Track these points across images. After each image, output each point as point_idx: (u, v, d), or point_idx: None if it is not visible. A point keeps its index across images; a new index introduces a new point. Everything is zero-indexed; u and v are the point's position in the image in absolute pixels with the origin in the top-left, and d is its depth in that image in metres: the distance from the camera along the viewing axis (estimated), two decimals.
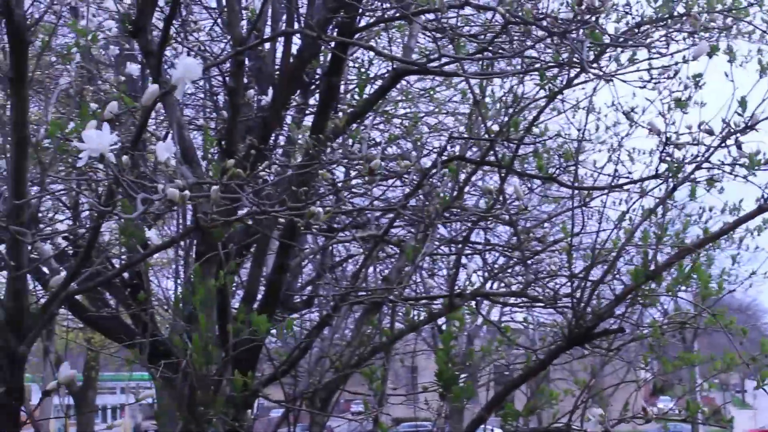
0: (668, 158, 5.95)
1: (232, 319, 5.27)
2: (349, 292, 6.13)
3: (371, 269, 6.96)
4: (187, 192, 3.68)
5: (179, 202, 3.71)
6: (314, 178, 5.74)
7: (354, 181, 7.32)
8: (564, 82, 5.98)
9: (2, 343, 5.12)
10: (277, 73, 7.20)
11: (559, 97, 6.55)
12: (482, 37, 6.33)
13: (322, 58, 7.68)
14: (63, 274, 5.18)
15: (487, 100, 6.55)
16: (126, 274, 8.21)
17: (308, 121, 9.53)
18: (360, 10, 6.33)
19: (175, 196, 3.67)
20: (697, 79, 6.03)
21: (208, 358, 5.08)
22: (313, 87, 9.83)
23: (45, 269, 7.63)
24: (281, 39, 7.49)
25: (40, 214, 7.85)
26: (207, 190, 4.38)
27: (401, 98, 10.06)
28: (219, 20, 9.94)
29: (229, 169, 3.80)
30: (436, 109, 10.96)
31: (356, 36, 6.31)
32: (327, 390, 6.17)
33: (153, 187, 4.19)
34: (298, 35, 6.41)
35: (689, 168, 5.89)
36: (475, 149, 6.79)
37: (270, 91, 8.27)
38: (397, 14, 6.07)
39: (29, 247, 5.44)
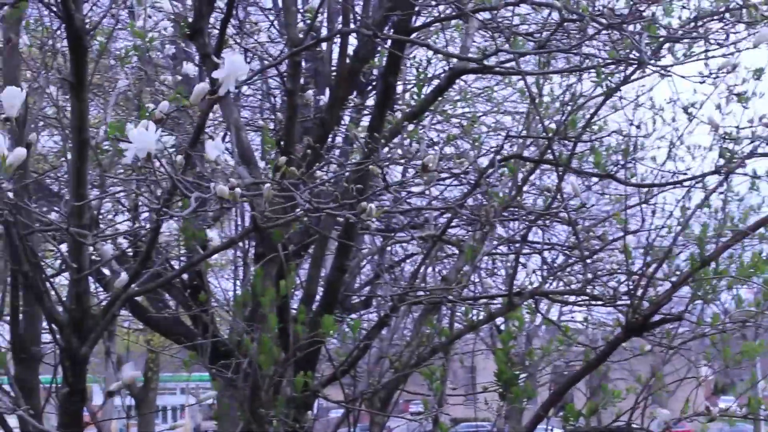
0: (727, 152, 5.90)
1: (293, 320, 5.27)
2: (408, 293, 6.12)
3: (430, 269, 6.95)
4: (237, 189, 3.68)
5: (230, 198, 3.72)
6: (370, 178, 5.74)
7: (411, 181, 7.31)
8: (622, 79, 5.93)
9: (65, 344, 5.17)
10: (334, 73, 7.21)
11: (617, 93, 6.49)
12: (539, 35, 6.30)
13: (378, 58, 7.68)
14: (124, 275, 5.21)
15: (545, 98, 6.52)
16: (185, 275, 8.25)
17: (366, 121, 9.56)
18: (416, 9, 6.32)
19: (224, 193, 3.67)
20: (758, 73, 5.97)
21: (271, 358, 5.09)
22: (369, 87, 9.85)
23: (105, 271, 7.70)
24: (338, 39, 7.48)
25: (100, 216, 7.92)
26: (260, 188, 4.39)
27: (459, 98, 10.04)
28: (276, 22, 9.98)
29: (282, 167, 3.79)
30: (495, 109, 10.93)
31: (413, 35, 6.30)
32: (386, 390, 6.17)
33: (209, 187, 4.21)
34: (355, 35, 6.39)
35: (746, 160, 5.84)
36: (532, 148, 6.76)
37: (327, 92, 8.29)
38: (454, 13, 6.05)
39: (90, 249, 5.48)
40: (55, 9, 5.53)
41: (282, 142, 6.76)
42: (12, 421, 5.17)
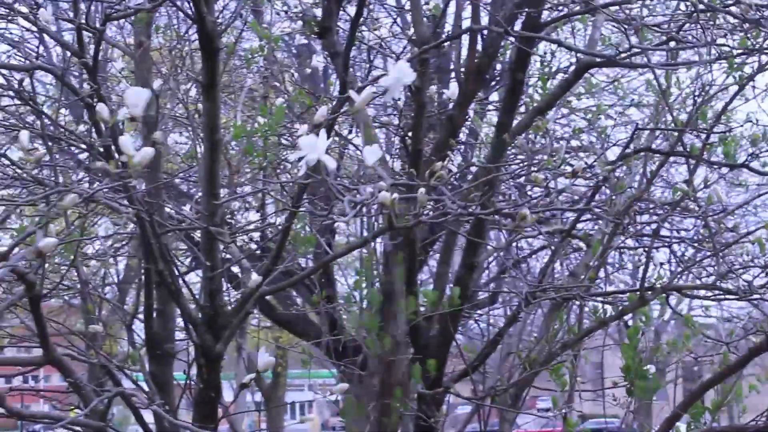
0: None
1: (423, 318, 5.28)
2: (538, 288, 6.08)
3: (558, 264, 6.90)
4: (396, 195, 3.69)
5: (390, 205, 3.72)
6: (499, 176, 5.72)
7: (539, 176, 7.25)
8: (755, 68, 5.82)
9: (199, 341, 5.25)
10: (462, 69, 7.20)
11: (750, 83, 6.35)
12: (667, 26, 6.20)
13: (501, 53, 7.64)
14: (255, 274, 5.27)
15: (673, 89, 6.42)
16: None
17: (490, 116, 9.52)
18: (546, 5, 6.27)
19: (386, 200, 3.68)
20: None
21: (399, 355, 5.11)
22: (493, 83, 9.80)
23: (234, 269, 7.80)
24: (463, 35, 7.47)
25: (229, 216, 8.03)
26: (400, 190, 4.40)
27: (584, 90, 9.93)
28: (398, 18, 10.00)
29: (436, 172, 3.78)
30: (620, 101, 10.79)
31: (543, 31, 6.26)
32: (516, 387, 6.14)
33: (355, 189, 4.22)
34: (483, 31, 6.38)
35: None
36: (659, 140, 6.66)
37: (451, 88, 8.27)
38: (583, 8, 6.00)
39: (221, 248, 5.56)
40: (186, 11, 5.62)
41: (407, 139, 6.77)
42: (148, 416, 5.28)
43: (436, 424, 5.71)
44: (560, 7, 6.64)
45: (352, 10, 8.41)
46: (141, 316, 6.46)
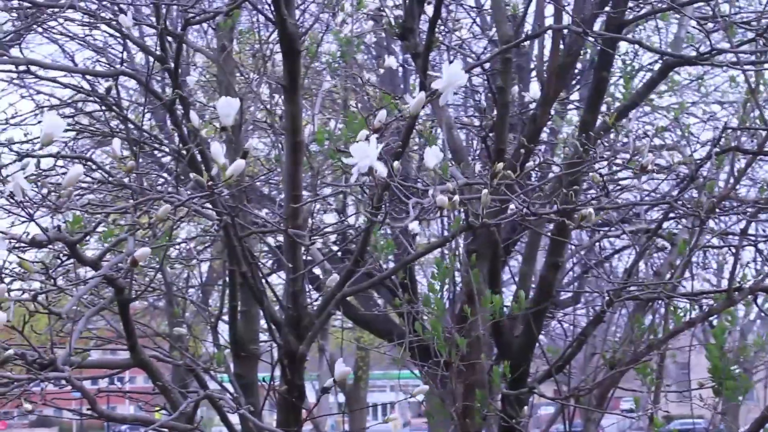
0: None
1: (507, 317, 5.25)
2: (623, 288, 6.02)
3: (642, 264, 6.83)
4: (456, 198, 3.68)
5: (449, 208, 3.72)
6: (583, 176, 5.67)
7: (622, 176, 7.19)
8: None
9: (283, 342, 5.28)
10: (544, 68, 7.17)
11: None
12: (755, 24, 6.11)
13: (583, 52, 7.58)
14: (336, 275, 5.30)
15: (762, 88, 6.32)
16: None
17: (570, 115, 9.45)
18: (629, 4, 6.21)
19: (444, 203, 3.67)
20: None
21: (481, 355, 5.09)
22: (574, 82, 9.73)
23: (316, 271, 7.84)
24: (548, 34, 7.42)
25: (310, 218, 8.07)
26: (477, 190, 4.38)
27: (666, 88, 9.82)
28: (478, 18, 9.97)
29: (499, 172, 3.78)
30: (704, 98, 10.66)
31: (625, 29, 6.19)
32: (601, 387, 6.09)
33: (424, 191, 4.22)
34: (566, 31, 6.33)
35: None
36: (744, 138, 6.56)
37: (532, 88, 8.22)
38: (666, 6, 5.94)
39: (303, 250, 5.59)
40: (268, 15, 5.65)
41: (489, 139, 6.76)
42: (232, 416, 5.33)
43: (520, 425, 5.68)
44: (643, 6, 6.58)
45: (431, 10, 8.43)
46: (225, 318, 6.52)
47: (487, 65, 7.31)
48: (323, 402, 13.14)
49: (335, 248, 8.22)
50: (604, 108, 6.58)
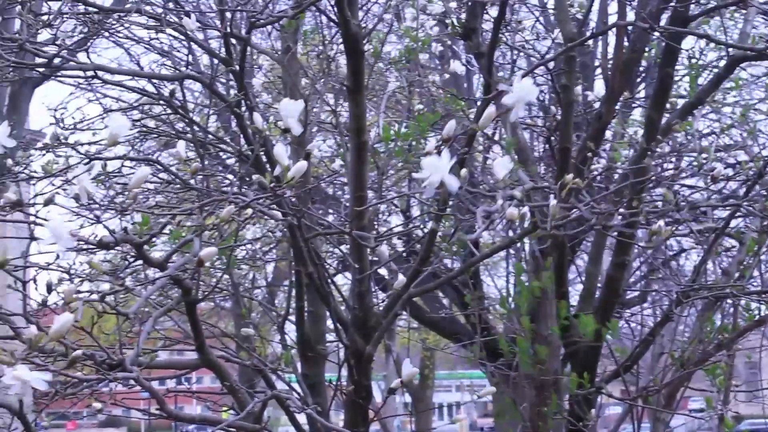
0: None
1: (564, 318, 5.22)
2: (691, 287, 5.96)
3: (710, 263, 6.75)
4: (526, 210, 3.66)
5: (517, 219, 3.70)
6: (647, 174, 5.62)
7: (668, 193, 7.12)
8: None
9: (350, 342, 5.29)
10: (609, 66, 7.11)
11: None
12: None
13: (647, 49, 7.51)
14: (402, 276, 5.29)
15: None
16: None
17: (636, 114, 9.37)
18: None
19: (514, 216, 3.65)
20: None
21: (523, 356, 5.06)
22: (638, 79, 9.65)
23: (381, 271, 7.84)
24: (607, 32, 7.37)
25: (376, 218, 8.07)
26: (543, 193, 4.36)
27: (731, 85, 9.69)
28: (541, 18, 9.93)
29: (568, 184, 3.74)
30: None
31: (690, 25, 6.13)
32: (670, 387, 6.04)
33: (490, 196, 4.20)
34: (630, 27, 6.28)
35: None
36: None
37: (596, 86, 8.17)
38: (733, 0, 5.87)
39: (368, 250, 5.59)
40: (331, 16, 5.67)
41: (553, 139, 6.72)
42: (300, 415, 5.34)
43: (588, 426, 5.65)
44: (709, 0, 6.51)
45: (495, 10, 8.40)
46: (292, 318, 6.54)
47: (551, 64, 7.27)
48: (390, 402, 13.15)
49: (401, 249, 8.22)
50: (669, 106, 6.52)
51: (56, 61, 5.39)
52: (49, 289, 3.24)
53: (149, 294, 3.37)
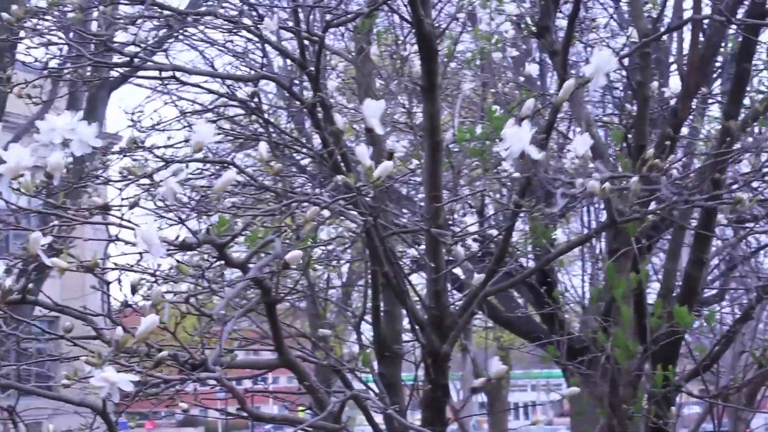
0: None
1: (650, 314, 5.17)
2: None
3: None
4: (608, 184, 3.64)
5: (599, 194, 3.67)
6: (727, 168, 5.56)
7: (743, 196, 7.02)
8: None
9: (426, 342, 5.29)
10: (684, 61, 7.05)
11: None
12: None
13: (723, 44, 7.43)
14: (478, 275, 5.28)
15: None
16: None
17: (712, 110, 9.27)
18: None
19: (595, 189, 3.62)
20: None
21: (629, 353, 5.01)
22: (715, 75, 9.55)
23: (456, 271, 7.83)
24: (683, 27, 7.31)
25: (451, 218, 8.07)
26: (621, 184, 4.33)
27: None
28: (614, 15, 9.87)
29: (648, 159, 3.71)
30: None
31: None
32: (750, 385, 5.97)
33: (569, 183, 4.18)
34: (705, 21, 6.22)
35: None
36: None
37: (671, 82, 8.09)
38: None
39: (444, 250, 5.59)
40: (405, 16, 5.67)
41: (630, 136, 6.67)
42: (377, 416, 5.36)
43: (668, 425, 5.59)
44: None
45: (567, 7, 8.35)
46: (368, 318, 6.56)
47: (626, 61, 7.23)
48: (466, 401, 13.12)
49: (476, 248, 8.21)
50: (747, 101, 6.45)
51: (136, 60, 5.46)
52: (134, 290, 3.28)
53: (232, 295, 3.41)
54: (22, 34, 5.73)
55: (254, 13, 6.11)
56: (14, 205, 3.20)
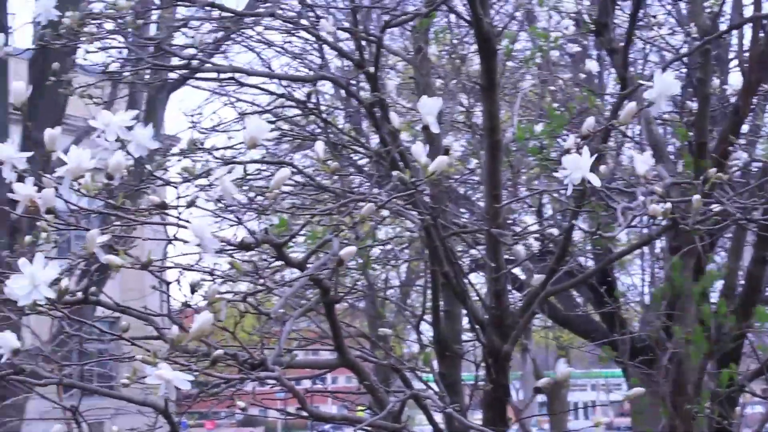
0: None
1: (714, 313, 5.12)
2: None
3: None
4: (668, 205, 3.61)
5: (661, 216, 3.64)
6: None
7: None
8: None
9: (487, 341, 5.28)
10: (745, 59, 6.98)
11: None
12: None
13: None
14: (538, 275, 5.26)
15: None
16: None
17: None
18: None
19: (657, 213, 3.60)
20: None
21: (694, 353, 4.96)
22: None
23: (515, 271, 7.80)
24: (743, 24, 7.22)
25: (510, 218, 8.04)
26: (682, 188, 4.29)
27: None
28: (673, 12, 9.77)
29: (711, 178, 3.67)
30: None
31: None
32: None
33: (629, 192, 4.15)
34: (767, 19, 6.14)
35: None
36: None
37: (731, 79, 8.00)
38: None
39: (503, 249, 5.57)
40: (464, 15, 5.66)
41: (691, 134, 6.60)
42: (437, 414, 5.34)
43: (731, 425, 5.53)
44: None
45: (625, 4, 8.29)
46: (428, 318, 6.55)
47: (686, 58, 7.16)
48: (528, 401, 13.07)
49: (536, 248, 8.18)
50: None
51: (193, 63, 5.49)
52: (193, 289, 3.29)
53: (290, 294, 3.40)
54: (81, 38, 5.78)
55: (312, 14, 6.12)
56: (75, 206, 3.22)
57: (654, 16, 9.10)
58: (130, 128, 3.22)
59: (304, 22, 6.04)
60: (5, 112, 10.93)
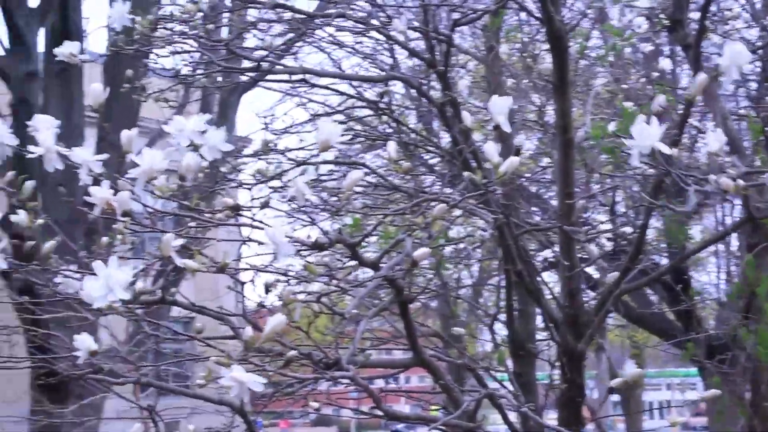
0: None
1: None
2: None
3: None
4: (741, 181, 3.54)
5: (733, 191, 3.58)
6: None
7: None
8: None
9: (561, 340, 5.25)
10: None
11: None
12: None
13: None
14: (612, 273, 5.21)
15: None
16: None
17: None
18: None
19: (729, 186, 3.54)
20: None
21: (763, 352, 4.89)
22: None
23: (588, 270, 7.75)
24: None
25: (582, 216, 7.98)
26: (758, 179, 4.22)
27: None
28: (747, 6, 9.66)
29: None
30: None
31: None
32: None
33: (703, 179, 4.09)
34: None
35: None
36: None
37: None
38: None
39: (577, 247, 5.53)
40: (535, 13, 5.63)
41: (766, 128, 6.52)
42: (512, 414, 5.32)
43: None
44: None
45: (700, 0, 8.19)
46: (501, 317, 6.53)
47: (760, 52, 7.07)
48: (602, 401, 13.00)
49: (609, 247, 8.12)
50: None
51: (264, 65, 5.51)
52: (267, 290, 3.31)
53: (365, 293, 3.41)
54: (153, 42, 5.84)
55: (382, 14, 6.13)
56: (150, 208, 3.26)
57: (730, 9, 8.99)
58: (203, 132, 3.24)
59: (374, 22, 6.05)
60: (81, 116, 11.10)
